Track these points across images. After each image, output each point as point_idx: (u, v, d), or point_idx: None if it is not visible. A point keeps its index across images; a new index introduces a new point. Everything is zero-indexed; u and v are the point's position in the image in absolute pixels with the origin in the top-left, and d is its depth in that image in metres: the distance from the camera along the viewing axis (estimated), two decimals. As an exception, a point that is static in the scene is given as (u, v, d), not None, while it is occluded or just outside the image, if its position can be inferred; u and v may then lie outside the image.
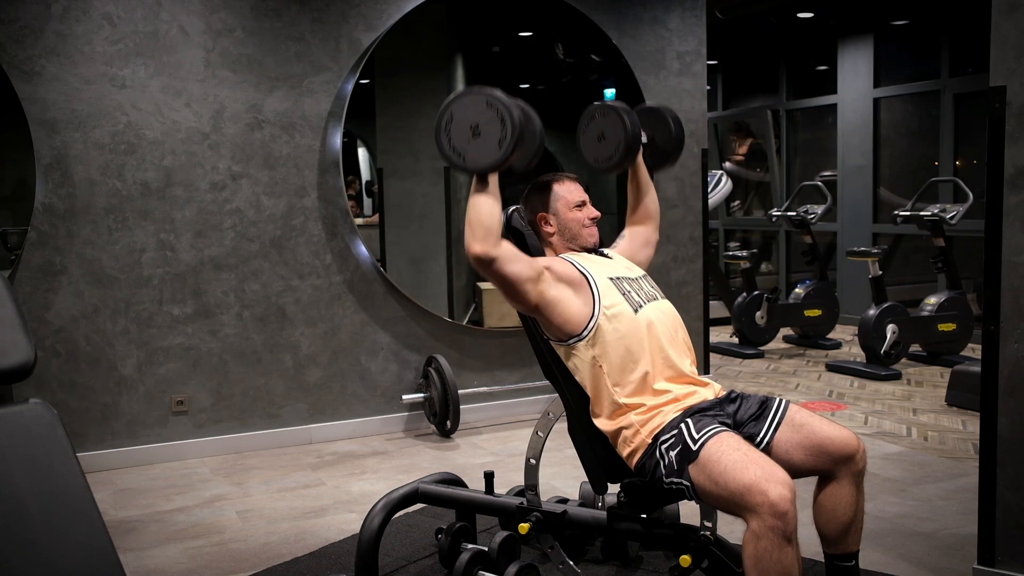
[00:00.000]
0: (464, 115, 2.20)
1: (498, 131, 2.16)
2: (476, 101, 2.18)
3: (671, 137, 2.74)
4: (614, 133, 2.59)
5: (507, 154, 2.16)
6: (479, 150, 2.19)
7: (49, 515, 1.30)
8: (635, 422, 2.23)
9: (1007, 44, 2.55)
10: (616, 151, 2.60)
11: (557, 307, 2.30)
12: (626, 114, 2.58)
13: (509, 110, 2.15)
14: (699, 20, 5.49)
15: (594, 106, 2.65)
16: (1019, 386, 2.59)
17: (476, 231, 2.22)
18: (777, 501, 1.92)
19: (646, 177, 2.74)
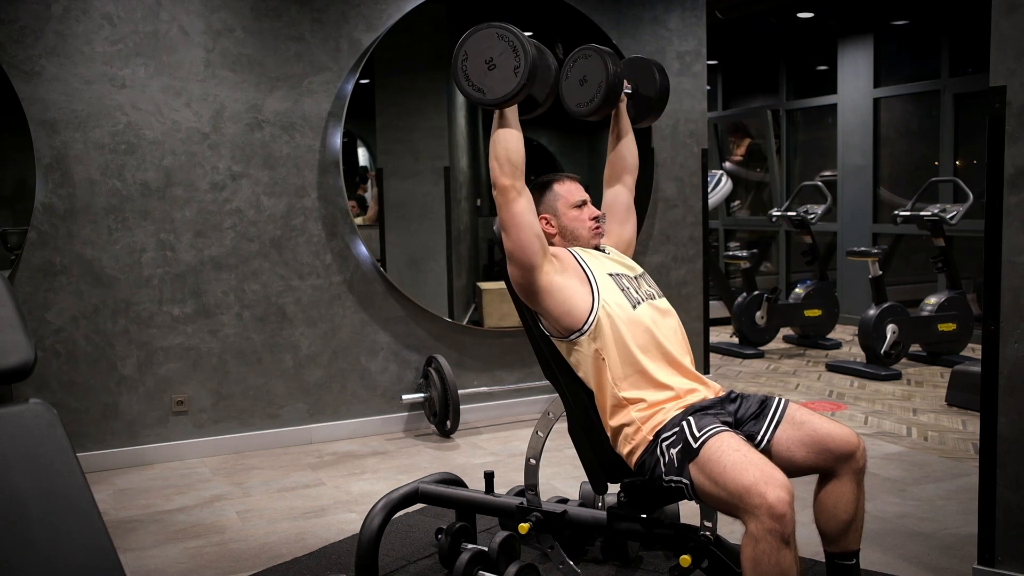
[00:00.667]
0: (478, 51, 2.25)
1: (512, 60, 2.20)
2: (487, 36, 2.24)
3: (655, 87, 2.72)
4: (595, 76, 2.59)
5: (524, 80, 2.20)
6: (497, 81, 2.23)
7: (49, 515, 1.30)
8: (636, 419, 2.23)
9: (1007, 44, 2.55)
10: (597, 93, 2.59)
11: (561, 293, 2.30)
12: (608, 57, 2.58)
13: (520, 39, 2.21)
14: (699, 20, 5.49)
15: (577, 50, 2.64)
16: (1019, 386, 2.59)
17: (504, 165, 2.27)
18: (775, 504, 1.92)
19: (627, 125, 2.72)
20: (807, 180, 7.80)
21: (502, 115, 2.29)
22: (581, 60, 2.62)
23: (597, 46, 2.61)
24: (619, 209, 2.69)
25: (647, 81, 2.73)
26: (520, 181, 2.28)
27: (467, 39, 2.27)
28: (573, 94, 2.64)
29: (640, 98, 2.74)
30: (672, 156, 5.48)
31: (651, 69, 2.73)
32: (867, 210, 7.87)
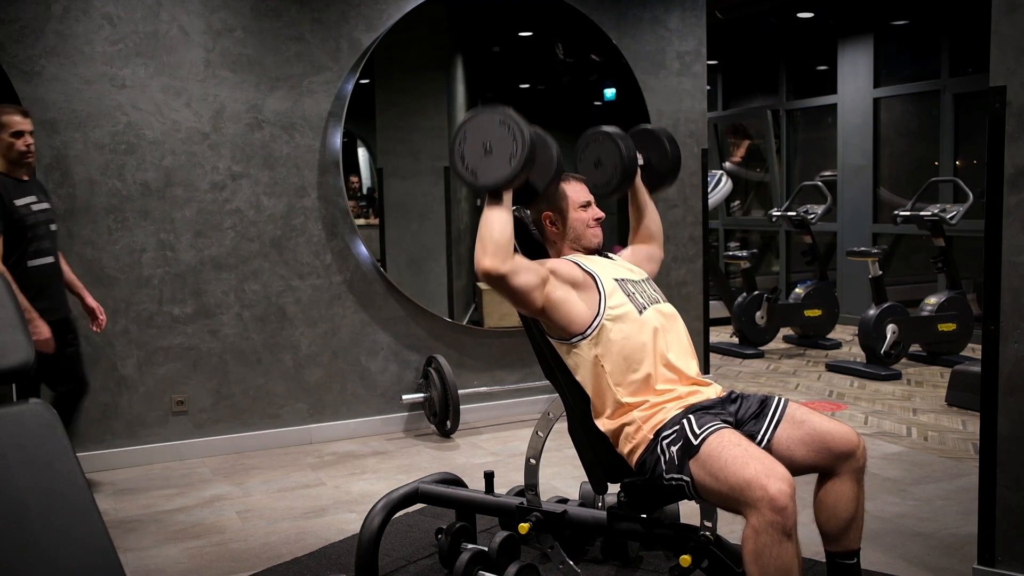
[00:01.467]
0: (477, 133, 2.20)
1: (509, 147, 2.16)
2: (490, 120, 2.19)
3: (667, 158, 2.77)
4: (610, 159, 2.63)
5: (518, 169, 2.16)
6: (490, 166, 2.19)
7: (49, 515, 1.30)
8: (637, 418, 2.24)
9: (1007, 44, 2.55)
10: (613, 176, 2.64)
11: (561, 309, 2.30)
12: (621, 139, 2.61)
13: (520, 127, 2.16)
14: (699, 20, 5.50)
15: (589, 133, 2.68)
16: (1019, 386, 2.59)
17: (487, 247, 2.21)
18: (777, 496, 1.92)
19: (646, 198, 2.77)
20: (807, 180, 7.80)
21: (493, 197, 2.23)
22: (593, 144, 2.65)
23: (608, 129, 2.65)
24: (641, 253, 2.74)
25: (658, 152, 2.78)
26: (505, 264, 2.20)
27: (469, 120, 2.23)
28: (589, 176, 2.67)
29: (653, 169, 2.79)
30: (672, 156, 5.47)
31: (661, 140, 2.77)
32: (867, 210, 7.87)
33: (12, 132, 3.50)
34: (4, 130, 3.51)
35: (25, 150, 3.53)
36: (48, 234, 3.64)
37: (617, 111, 5.92)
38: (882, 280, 6.15)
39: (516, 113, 2.19)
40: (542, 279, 2.28)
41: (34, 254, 3.56)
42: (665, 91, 5.42)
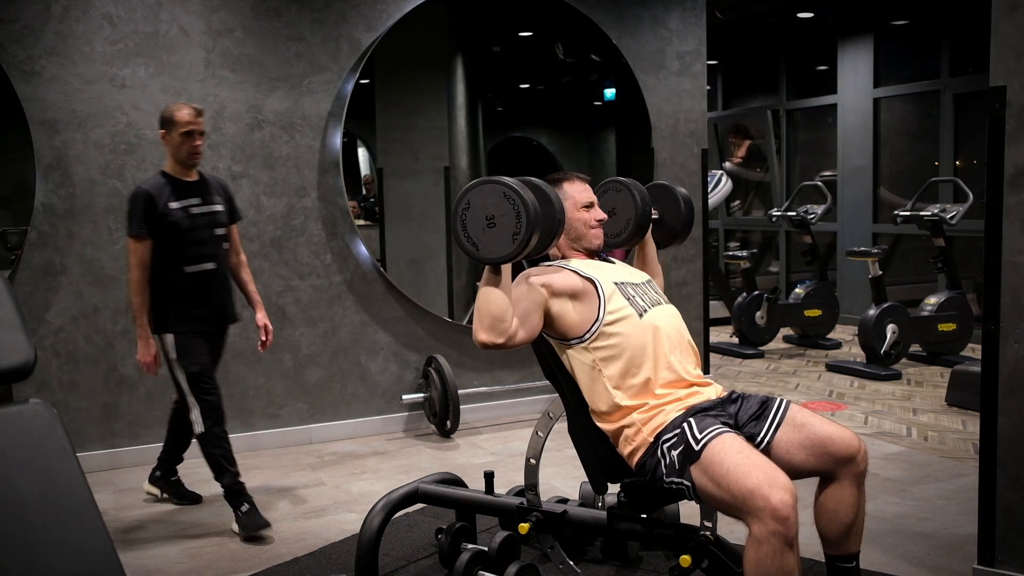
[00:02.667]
0: (481, 204, 2.19)
1: (513, 225, 2.15)
2: (494, 191, 2.18)
3: (680, 216, 2.80)
4: (625, 210, 2.66)
5: (520, 249, 2.16)
6: (493, 241, 2.18)
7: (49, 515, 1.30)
8: (637, 420, 2.23)
9: (1007, 44, 2.55)
10: (626, 228, 2.67)
11: (559, 320, 2.32)
12: (638, 192, 2.63)
13: (526, 205, 2.15)
14: (699, 20, 5.49)
15: (607, 182, 2.70)
16: (1019, 386, 2.59)
17: (484, 320, 2.21)
18: (779, 506, 1.92)
19: (653, 254, 2.78)
20: (807, 180, 7.80)
21: (493, 271, 2.22)
22: (612, 192, 2.67)
23: (626, 181, 2.67)
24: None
25: (672, 210, 2.81)
26: (501, 336, 2.20)
27: (472, 189, 2.21)
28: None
29: (665, 225, 2.82)
30: (672, 156, 5.48)
31: (676, 198, 2.80)
32: (867, 210, 7.87)
33: (183, 131, 3.31)
34: (174, 128, 3.32)
35: (194, 151, 3.35)
36: (210, 239, 3.41)
37: (617, 111, 5.92)
38: (882, 280, 6.15)
39: (519, 185, 2.18)
40: (537, 305, 2.28)
41: (191, 259, 3.35)
42: (665, 91, 5.42)
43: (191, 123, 3.32)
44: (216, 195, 3.47)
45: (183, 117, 3.31)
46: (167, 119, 3.34)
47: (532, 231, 2.15)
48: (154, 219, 3.29)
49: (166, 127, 3.34)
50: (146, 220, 3.28)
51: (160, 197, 3.30)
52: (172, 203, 3.32)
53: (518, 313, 2.25)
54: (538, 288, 2.30)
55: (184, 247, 3.34)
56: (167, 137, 3.35)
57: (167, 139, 3.36)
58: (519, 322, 2.24)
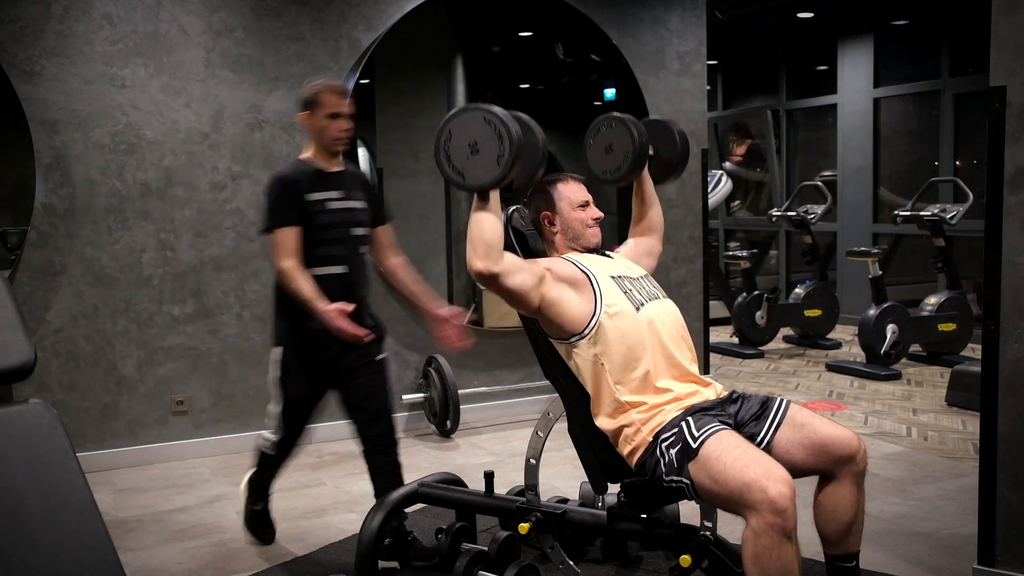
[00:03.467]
0: (462, 133, 2.18)
1: (496, 148, 2.14)
2: (474, 118, 2.17)
3: (676, 150, 2.78)
4: (621, 145, 2.63)
5: (506, 171, 2.15)
6: (478, 167, 2.18)
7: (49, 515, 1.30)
8: (636, 420, 2.23)
9: (1007, 44, 2.55)
10: (624, 162, 2.64)
11: (558, 307, 2.30)
12: (634, 126, 2.61)
13: (507, 126, 2.14)
14: (699, 20, 5.49)
15: (601, 118, 2.68)
16: (1019, 386, 2.59)
17: (478, 248, 2.22)
18: (776, 498, 1.92)
19: (651, 189, 2.77)
20: (807, 180, 7.81)
21: (482, 198, 2.23)
22: (605, 129, 2.65)
23: (621, 115, 2.65)
24: (641, 247, 2.76)
25: (668, 144, 2.79)
26: (497, 264, 2.21)
27: (452, 118, 2.20)
28: (598, 162, 2.68)
29: (661, 160, 2.79)
30: (672, 156, 5.47)
31: (671, 131, 2.78)
32: (867, 210, 7.87)
33: (329, 113, 2.90)
34: (320, 110, 2.91)
35: (340, 135, 2.94)
36: (346, 238, 2.93)
37: (617, 111, 5.92)
38: (882, 280, 6.15)
39: (500, 109, 2.18)
40: (538, 277, 2.28)
41: (322, 260, 2.90)
42: (665, 91, 5.41)
43: (339, 104, 2.92)
44: (358, 191, 3.02)
45: (330, 98, 2.90)
46: (311, 99, 2.92)
47: (516, 153, 2.14)
48: (296, 208, 2.86)
49: (309, 108, 2.93)
50: (290, 208, 2.84)
51: (300, 185, 2.88)
52: (311, 194, 2.88)
53: (514, 265, 2.26)
54: (540, 265, 2.33)
55: (316, 245, 2.89)
56: (310, 119, 2.94)
57: (309, 122, 2.94)
58: (515, 268, 2.25)
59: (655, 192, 2.78)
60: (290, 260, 2.82)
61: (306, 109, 2.94)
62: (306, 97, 2.93)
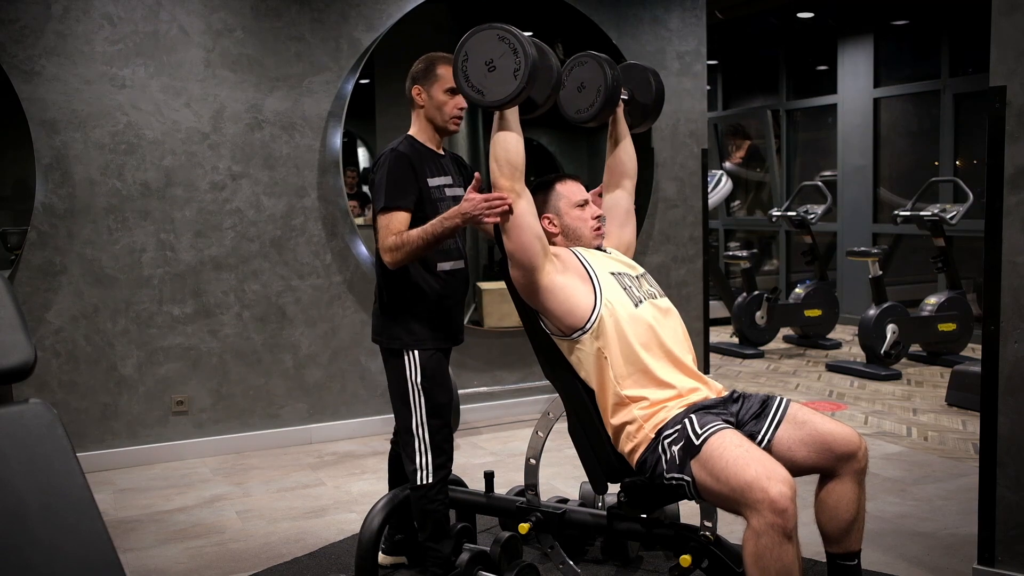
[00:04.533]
0: (478, 51, 2.24)
1: (512, 63, 2.20)
2: (488, 36, 2.23)
3: (651, 92, 2.77)
4: (593, 82, 2.62)
5: (523, 83, 2.19)
6: (496, 83, 2.22)
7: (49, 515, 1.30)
8: (638, 417, 2.23)
9: (1007, 44, 2.55)
10: (596, 99, 2.62)
11: (562, 292, 2.31)
12: (605, 63, 2.61)
13: (521, 42, 2.19)
14: (699, 20, 5.49)
15: (574, 57, 2.66)
16: (1019, 386, 2.59)
17: (503, 167, 2.29)
18: (777, 498, 1.92)
19: (624, 130, 2.75)
20: (807, 180, 7.81)
21: (502, 116, 2.29)
22: (577, 68, 2.64)
23: (593, 52, 2.64)
24: (619, 212, 2.70)
25: (643, 87, 2.79)
26: (520, 183, 2.29)
27: (468, 39, 2.27)
28: (571, 101, 2.67)
29: (636, 104, 2.79)
30: (672, 156, 5.48)
31: (646, 74, 2.79)
32: (867, 210, 7.87)
33: (448, 88, 2.60)
34: (436, 84, 2.60)
35: (457, 113, 2.64)
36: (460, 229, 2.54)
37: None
38: (882, 280, 6.15)
39: (514, 27, 2.23)
40: (546, 245, 2.34)
41: (445, 254, 2.62)
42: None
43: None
44: (460, 177, 2.75)
45: (449, 71, 2.57)
46: (426, 71, 2.62)
47: (532, 66, 2.18)
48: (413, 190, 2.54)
49: (422, 81, 2.62)
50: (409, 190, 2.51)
51: (420, 166, 2.57)
52: (431, 178, 2.60)
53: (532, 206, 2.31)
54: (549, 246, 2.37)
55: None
56: (423, 94, 2.62)
57: (422, 97, 2.63)
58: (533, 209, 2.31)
59: (630, 136, 2.75)
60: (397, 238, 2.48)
61: (417, 83, 2.63)
62: (420, 68, 2.64)
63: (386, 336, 2.64)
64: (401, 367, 2.61)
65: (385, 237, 2.49)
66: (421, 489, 2.59)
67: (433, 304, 2.60)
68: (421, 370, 2.59)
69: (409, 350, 2.60)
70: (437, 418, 2.61)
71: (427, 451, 2.59)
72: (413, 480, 2.60)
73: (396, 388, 2.64)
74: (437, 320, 2.62)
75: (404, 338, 2.60)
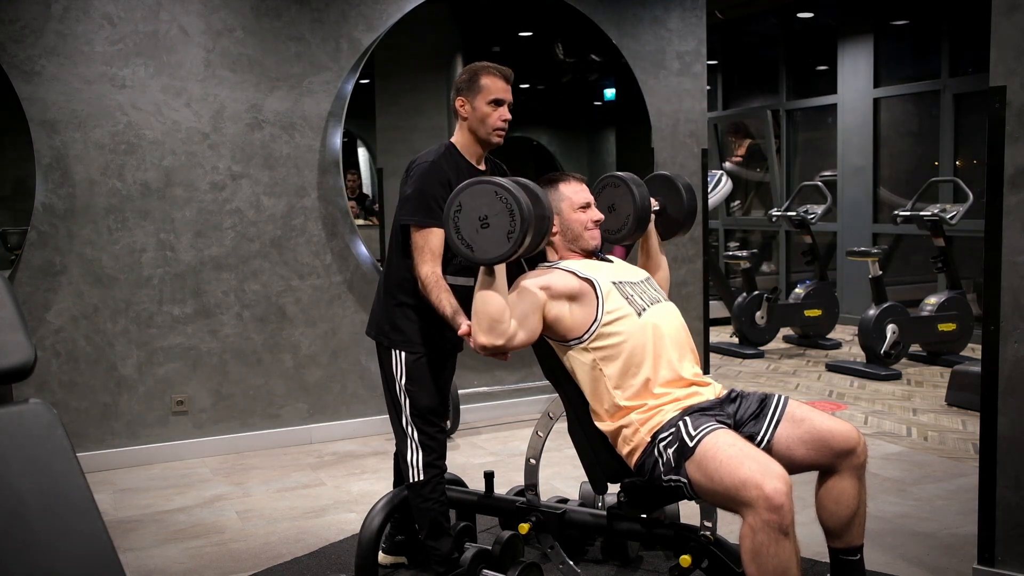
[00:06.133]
0: (472, 205, 2.17)
1: (507, 223, 2.13)
2: (485, 191, 2.16)
3: (683, 207, 2.75)
4: (624, 205, 2.62)
5: (516, 247, 2.14)
6: (488, 241, 2.16)
7: (49, 515, 1.30)
8: (635, 421, 2.24)
9: (1007, 44, 2.55)
10: (626, 223, 2.63)
11: (559, 323, 2.33)
12: (636, 186, 2.60)
13: (518, 202, 2.12)
14: (699, 20, 5.49)
15: (605, 178, 2.67)
16: (1019, 386, 2.59)
17: (482, 324, 2.22)
18: (772, 495, 1.92)
19: (656, 246, 2.75)
20: (807, 180, 7.80)
21: (489, 272, 2.21)
22: (610, 188, 2.64)
23: (624, 176, 2.63)
24: None
25: (674, 199, 2.76)
26: (501, 337, 2.21)
27: (463, 190, 2.18)
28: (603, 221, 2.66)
29: (668, 217, 2.77)
30: (672, 156, 5.48)
31: (678, 188, 2.75)
32: (867, 210, 7.87)
33: (492, 99, 2.54)
34: (480, 95, 2.54)
35: (501, 125, 2.57)
36: None
37: (617, 111, 5.92)
38: (882, 280, 6.15)
39: (511, 183, 2.16)
40: (537, 308, 2.28)
41: (457, 269, 2.57)
42: (665, 91, 5.41)
43: (503, 91, 2.56)
44: None
45: (494, 82, 2.54)
46: (468, 82, 2.56)
47: (527, 228, 2.13)
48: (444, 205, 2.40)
49: (466, 93, 2.56)
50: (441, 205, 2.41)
51: (454, 180, 2.50)
52: None
53: (516, 315, 2.25)
54: (536, 291, 2.30)
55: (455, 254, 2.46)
56: (466, 106, 2.57)
57: (465, 108, 2.57)
58: (517, 324, 2.24)
59: (661, 250, 2.76)
60: (433, 266, 2.48)
61: (462, 94, 2.57)
62: (464, 79, 2.58)
63: (376, 331, 2.67)
64: (388, 365, 2.64)
65: (423, 260, 2.48)
66: (415, 487, 2.63)
67: (430, 311, 2.53)
68: (405, 372, 2.61)
69: (396, 349, 2.61)
70: (424, 419, 2.63)
71: (417, 450, 2.63)
72: (407, 478, 2.64)
73: (385, 385, 2.68)
74: (431, 326, 2.59)
75: (392, 336, 2.62)
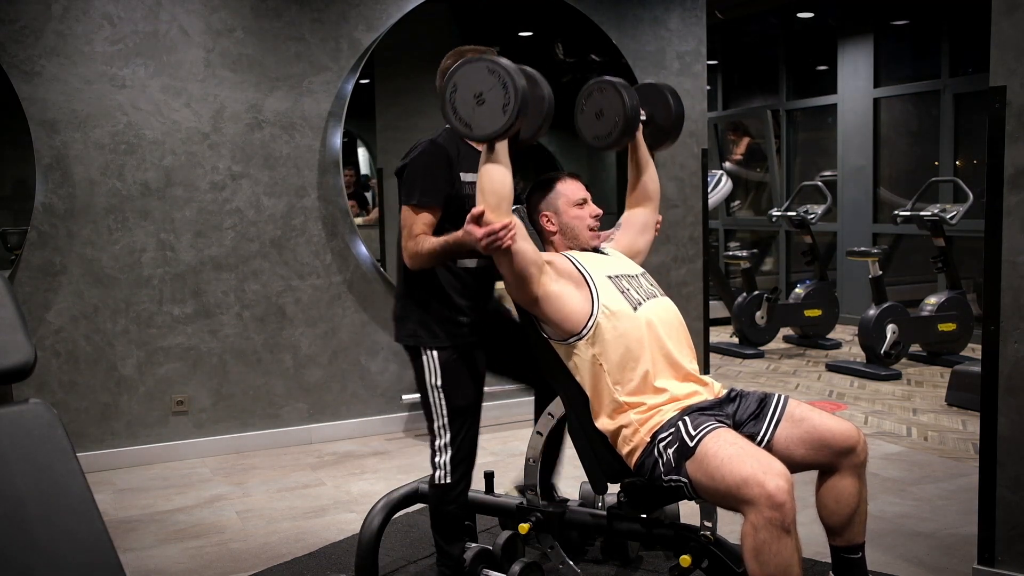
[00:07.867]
0: (467, 84, 2.19)
1: (501, 97, 2.15)
2: (478, 69, 2.18)
3: (670, 114, 2.73)
4: (612, 109, 2.60)
5: (512, 120, 2.15)
6: (485, 117, 2.18)
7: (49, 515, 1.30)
8: (634, 421, 2.24)
9: (1007, 44, 2.55)
10: (615, 128, 2.61)
11: (558, 301, 2.31)
12: (624, 90, 2.59)
13: (511, 76, 2.14)
14: (699, 20, 5.49)
15: (592, 82, 2.65)
16: (1019, 386, 2.59)
17: (488, 199, 2.23)
18: (774, 492, 1.92)
19: (646, 155, 2.75)
20: (807, 180, 7.80)
21: (491, 149, 2.23)
22: (596, 94, 2.63)
23: (612, 79, 2.62)
24: (636, 222, 2.74)
25: (661, 108, 2.75)
26: (504, 213, 2.22)
27: (457, 70, 2.20)
28: (590, 127, 2.66)
29: (655, 125, 2.76)
30: (672, 156, 5.48)
31: (665, 95, 2.74)
32: (867, 210, 7.87)
33: None
34: None
35: None
36: None
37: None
38: (882, 280, 6.15)
39: (505, 60, 2.18)
40: (540, 260, 2.31)
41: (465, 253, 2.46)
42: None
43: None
44: None
45: None
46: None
47: (522, 102, 2.14)
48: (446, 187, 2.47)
49: None
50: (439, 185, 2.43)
51: (455, 160, 2.49)
52: (464, 173, 2.53)
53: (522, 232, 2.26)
54: (542, 255, 2.34)
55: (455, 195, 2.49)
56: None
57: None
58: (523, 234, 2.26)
59: (650, 158, 2.75)
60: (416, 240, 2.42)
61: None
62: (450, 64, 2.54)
63: (403, 332, 2.58)
64: (420, 367, 2.55)
65: (405, 238, 2.44)
66: (440, 488, 2.57)
67: (452, 302, 2.50)
68: (440, 371, 2.53)
69: (426, 349, 2.53)
70: (458, 421, 2.55)
71: (447, 451, 2.55)
72: (433, 477, 2.58)
73: (419, 387, 2.59)
74: (457, 318, 2.52)
75: (420, 335, 2.53)
